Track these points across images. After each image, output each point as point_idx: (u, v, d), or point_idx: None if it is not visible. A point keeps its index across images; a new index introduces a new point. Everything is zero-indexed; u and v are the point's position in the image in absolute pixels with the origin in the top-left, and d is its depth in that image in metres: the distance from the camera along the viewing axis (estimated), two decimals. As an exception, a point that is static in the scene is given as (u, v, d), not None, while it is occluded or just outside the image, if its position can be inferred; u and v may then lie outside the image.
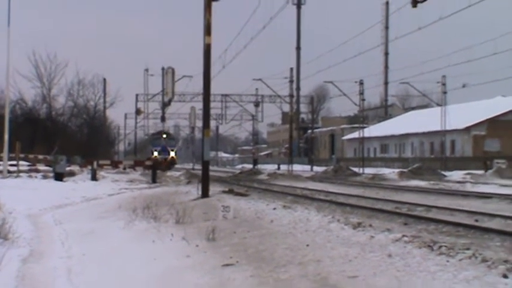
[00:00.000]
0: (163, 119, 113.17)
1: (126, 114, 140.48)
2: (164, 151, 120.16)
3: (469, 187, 59.79)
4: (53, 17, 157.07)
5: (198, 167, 62.00)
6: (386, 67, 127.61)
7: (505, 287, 13.27)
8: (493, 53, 74.00)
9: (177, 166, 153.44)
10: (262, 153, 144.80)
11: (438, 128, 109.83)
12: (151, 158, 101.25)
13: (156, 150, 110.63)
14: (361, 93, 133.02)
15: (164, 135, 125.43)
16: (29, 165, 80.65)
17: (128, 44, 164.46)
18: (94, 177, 72.40)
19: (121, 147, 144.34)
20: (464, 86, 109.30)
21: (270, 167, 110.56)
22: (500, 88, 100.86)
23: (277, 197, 39.73)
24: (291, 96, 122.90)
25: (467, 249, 17.54)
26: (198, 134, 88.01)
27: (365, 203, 34.34)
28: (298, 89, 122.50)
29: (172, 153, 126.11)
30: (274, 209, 30.30)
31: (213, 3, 43.20)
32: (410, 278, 14.06)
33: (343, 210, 29.75)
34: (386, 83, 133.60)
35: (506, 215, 27.33)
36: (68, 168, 75.13)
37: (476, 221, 25.02)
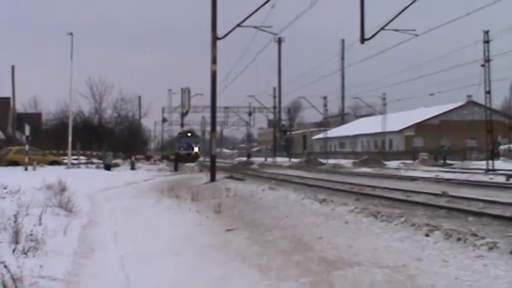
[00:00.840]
0: (182, 125, 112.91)
1: (155, 122, 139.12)
2: (190, 147, 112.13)
3: (402, 172, 59.82)
4: (105, 51, 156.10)
5: (208, 159, 61.36)
6: (342, 86, 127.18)
7: (426, 242, 13.56)
8: (419, 76, 73.39)
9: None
10: (254, 149, 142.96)
11: (380, 130, 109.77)
12: (176, 153, 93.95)
13: (183, 146, 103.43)
14: (325, 105, 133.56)
15: (189, 134, 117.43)
16: (86, 159, 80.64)
17: (156, 71, 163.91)
18: (133, 167, 72.68)
19: (152, 145, 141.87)
20: (398, 100, 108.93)
21: (260, 159, 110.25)
22: (423, 101, 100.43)
23: (264, 181, 39.75)
24: (274, 107, 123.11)
25: (401, 217, 17.75)
26: (207, 136, 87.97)
27: (328, 184, 34.38)
28: (279, 102, 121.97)
29: (196, 149, 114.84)
30: (263, 190, 30.40)
31: (218, 41, 43.25)
32: (360, 238, 14.29)
33: (312, 190, 29.81)
34: (343, 98, 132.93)
35: (429, 192, 27.50)
36: (113, 161, 75.28)
37: (408, 196, 25.13)
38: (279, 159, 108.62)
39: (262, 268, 11.20)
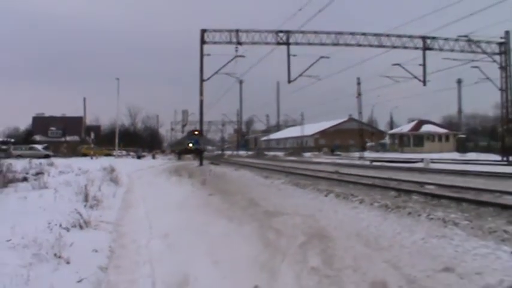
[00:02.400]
0: (182, 132, 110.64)
1: (166, 130, 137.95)
2: (197, 143, 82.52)
3: (313, 159, 59.88)
4: (137, 86, 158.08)
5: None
6: (278, 110, 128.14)
7: (325, 200, 13.67)
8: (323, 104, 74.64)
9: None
10: (226, 146, 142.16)
11: (300, 135, 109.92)
12: (184, 148, 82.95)
13: (191, 143, 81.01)
14: (267, 120, 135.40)
15: (196, 133, 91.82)
16: (126, 153, 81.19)
17: (169, 100, 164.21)
18: (153, 157, 73.18)
19: (165, 144, 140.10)
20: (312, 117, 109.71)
21: (229, 152, 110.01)
22: (325, 118, 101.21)
23: (231, 165, 39.70)
24: (238, 121, 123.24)
25: (311, 185, 17.87)
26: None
27: (269, 167, 34.39)
28: (241, 118, 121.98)
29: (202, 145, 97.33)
30: (231, 171, 30.44)
31: (204, 82, 43.53)
32: (288, 198, 14.35)
33: (260, 170, 29.82)
34: (278, 116, 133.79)
35: (329, 170, 27.60)
36: (142, 154, 76.56)
37: (316, 173, 25.20)
38: (241, 152, 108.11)
39: (230, 217, 11.27)
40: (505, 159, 45.34)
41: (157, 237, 9.74)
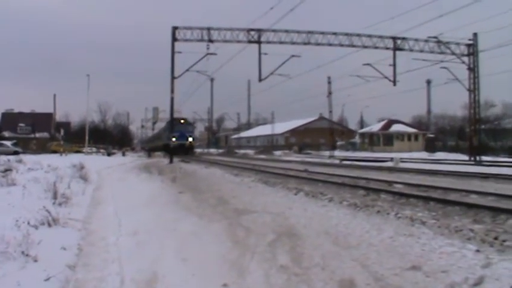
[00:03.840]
0: (153, 129, 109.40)
1: (137, 127, 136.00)
2: (182, 137, 69.58)
3: (283, 157, 60.08)
4: (107, 83, 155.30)
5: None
6: (249, 108, 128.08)
7: (295, 198, 13.70)
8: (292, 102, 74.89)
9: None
10: (197, 144, 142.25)
11: (270, 133, 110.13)
12: (160, 145, 72.26)
13: (174, 136, 63.69)
14: (238, 118, 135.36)
15: (182, 121, 74.08)
16: (96, 150, 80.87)
17: (140, 97, 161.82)
18: (123, 154, 72.65)
19: (135, 141, 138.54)
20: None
21: (200, 150, 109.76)
22: (296, 116, 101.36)
23: (202, 163, 39.61)
24: (208, 119, 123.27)
25: (281, 183, 17.91)
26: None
27: (239, 165, 34.32)
28: (211, 116, 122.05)
29: (190, 139, 72.38)
30: (201, 168, 30.38)
31: (175, 80, 43.44)
32: (257, 196, 14.33)
33: (230, 168, 29.82)
34: (249, 114, 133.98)
35: (299, 169, 27.62)
36: (112, 151, 76.23)
37: (285, 171, 25.19)
38: (212, 150, 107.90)
39: (200, 214, 11.27)
40: (472, 158, 45.93)
41: (127, 234, 9.70)
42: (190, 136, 70.13)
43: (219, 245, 8.13)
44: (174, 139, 57.58)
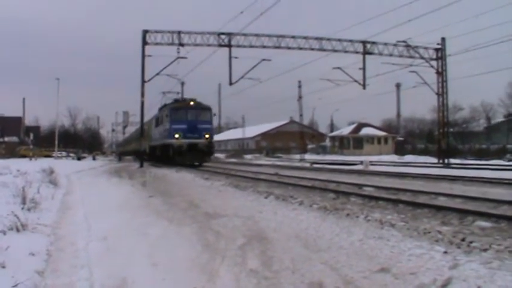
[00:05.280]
0: (124, 133, 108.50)
1: (107, 131, 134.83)
2: (193, 130, 39.96)
3: (254, 161, 60.19)
4: (79, 87, 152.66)
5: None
6: (219, 112, 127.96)
7: (265, 202, 13.69)
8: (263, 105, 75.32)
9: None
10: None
11: (241, 137, 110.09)
12: (166, 145, 41.75)
13: (178, 131, 39.38)
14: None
15: (191, 103, 41.99)
16: (66, 154, 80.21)
17: (110, 101, 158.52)
18: (94, 159, 72.51)
19: (106, 145, 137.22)
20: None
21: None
22: (267, 120, 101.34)
23: (172, 167, 39.40)
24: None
25: (251, 187, 17.93)
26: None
27: (210, 169, 34.29)
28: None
29: (206, 135, 40.84)
30: (171, 172, 30.28)
31: (145, 84, 43.20)
32: (228, 200, 14.32)
33: (200, 172, 29.76)
34: (219, 118, 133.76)
35: (270, 173, 27.65)
36: (83, 155, 75.58)
37: (256, 175, 25.19)
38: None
39: (170, 218, 11.20)
40: (441, 161, 46.44)
41: (96, 239, 9.58)
42: (208, 130, 41.36)
43: (189, 249, 8.08)
44: (177, 136, 38.46)
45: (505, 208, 11.53)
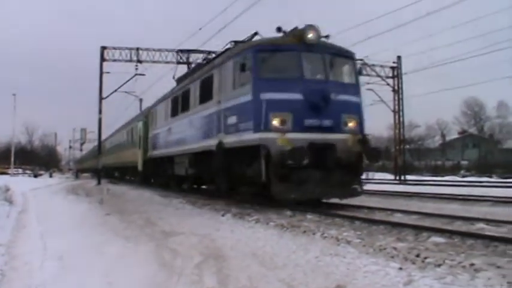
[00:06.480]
0: (81, 150, 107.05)
1: (64, 148, 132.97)
2: (321, 114, 14.17)
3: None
4: (39, 103, 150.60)
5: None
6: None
7: (221, 218, 13.67)
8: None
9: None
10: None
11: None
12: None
13: (279, 111, 13.96)
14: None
15: (311, 35, 15.01)
16: (22, 171, 79.12)
17: (68, 117, 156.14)
18: (50, 176, 71.57)
19: (63, 162, 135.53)
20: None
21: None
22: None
23: (130, 184, 39.12)
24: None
25: (209, 204, 17.86)
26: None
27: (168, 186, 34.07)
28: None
29: (352, 123, 14.94)
30: (129, 189, 30.03)
31: (103, 100, 42.87)
32: (185, 218, 14.20)
33: (158, 190, 29.53)
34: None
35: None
36: (39, 172, 74.48)
37: (213, 193, 25.03)
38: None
39: (127, 237, 11.05)
40: (397, 178, 47.05)
41: (52, 258, 9.37)
42: (356, 110, 15.91)
43: (146, 268, 7.97)
44: (278, 123, 14.63)
45: (459, 224, 11.73)
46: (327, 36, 16.04)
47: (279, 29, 16.00)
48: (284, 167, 14.20)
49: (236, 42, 19.49)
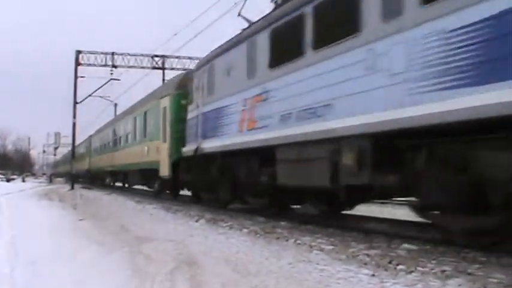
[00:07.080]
0: (55, 155, 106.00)
1: (38, 153, 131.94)
2: None
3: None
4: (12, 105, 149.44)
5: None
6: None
7: (195, 224, 13.63)
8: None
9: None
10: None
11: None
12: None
13: None
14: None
15: None
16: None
17: (42, 121, 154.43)
18: (23, 180, 70.76)
19: (36, 167, 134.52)
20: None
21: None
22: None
23: (104, 189, 38.89)
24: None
25: (183, 210, 17.83)
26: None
27: (139, 192, 33.88)
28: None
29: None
30: (102, 195, 29.82)
31: (77, 105, 42.59)
32: (159, 224, 14.18)
33: (132, 195, 29.41)
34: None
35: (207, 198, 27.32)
36: (12, 177, 73.67)
37: (188, 198, 24.68)
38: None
39: (100, 242, 10.97)
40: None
41: (24, 265, 9.25)
42: None
43: (119, 274, 7.90)
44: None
45: (431, 230, 11.81)
46: None
47: None
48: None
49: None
